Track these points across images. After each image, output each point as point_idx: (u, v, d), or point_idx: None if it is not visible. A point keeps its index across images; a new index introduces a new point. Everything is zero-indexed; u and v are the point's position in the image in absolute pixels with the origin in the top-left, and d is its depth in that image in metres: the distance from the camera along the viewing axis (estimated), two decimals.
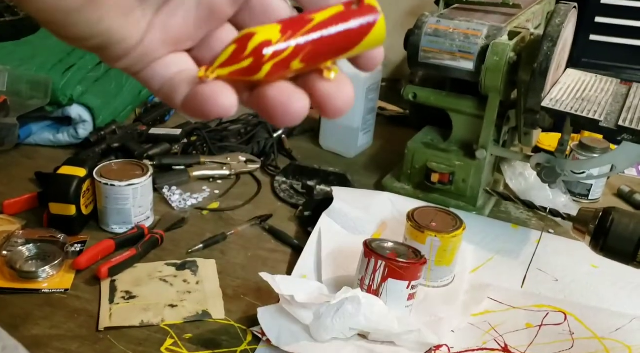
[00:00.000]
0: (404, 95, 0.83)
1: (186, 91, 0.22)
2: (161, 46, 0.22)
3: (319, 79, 0.22)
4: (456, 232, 0.67)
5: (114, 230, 0.73)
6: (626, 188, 0.89)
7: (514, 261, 0.74)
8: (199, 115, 0.21)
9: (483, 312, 0.65)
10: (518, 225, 0.80)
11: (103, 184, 0.71)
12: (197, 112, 0.21)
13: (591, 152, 0.84)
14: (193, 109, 0.21)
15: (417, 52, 0.78)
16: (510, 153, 0.82)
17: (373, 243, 0.63)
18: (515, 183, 0.86)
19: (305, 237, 0.74)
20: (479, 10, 0.84)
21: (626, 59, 1.31)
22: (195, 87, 0.21)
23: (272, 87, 0.21)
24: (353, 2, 0.21)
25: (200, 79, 0.21)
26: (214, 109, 0.20)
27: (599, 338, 0.62)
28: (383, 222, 0.78)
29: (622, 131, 0.64)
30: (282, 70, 0.21)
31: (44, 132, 0.94)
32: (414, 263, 0.61)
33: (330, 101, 0.22)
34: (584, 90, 0.74)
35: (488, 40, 0.74)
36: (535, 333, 0.62)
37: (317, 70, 0.22)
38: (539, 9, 0.91)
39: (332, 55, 0.22)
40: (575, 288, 0.69)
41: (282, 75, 0.21)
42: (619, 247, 0.44)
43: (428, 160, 0.82)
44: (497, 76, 0.73)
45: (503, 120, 0.79)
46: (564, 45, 0.75)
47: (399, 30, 1.22)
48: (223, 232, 0.75)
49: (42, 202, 0.75)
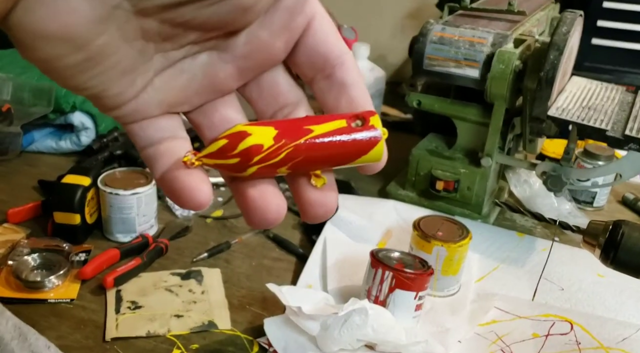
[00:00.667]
0: (408, 102, 0.83)
1: (166, 166, 0.21)
2: (156, 106, 0.21)
3: (306, 184, 0.21)
4: (462, 242, 0.66)
5: (118, 239, 0.73)
6: (631, 196, 0.89)
7: (519, 270, 0.73)
8: (171, 198, 0.21)
9: (490, 321, 0.65)
10: (523, 233, 0.80)
11: (107, 193, 0.71)
12: (170, 195, 0.21)
13: (596, 159, 0.84)
14: (168, 191, 0.21)
15: (422, 59, 0.78)
16: (515, 161, 0.82)
17: (380, 253, 0.63)
18: (520, 191, 0.86)
19: (309, 245, 0.74)
20: (484, 17, 0.84)
21: (628, 63, 1.31)
22: (176, 171, 0.21)
23: (254, 188, 0.21)
24: (358, 116, 0.20)
25: (184, 163, 0.20)
26: (187, 202, 0.20)
27: (605, 348, 0.61)
28: (388, 230, 0.78)
29: (629, 140, 0.64)
30: (268, 174, 0.20)
31: (46, 140, 0.93)
32: (421, 274, 0.61)
33: (312, 208, 0.22)
34: (589, 98, 0.74)
35: (494, 48, 0.74)
36: (541, 343, 0.62)
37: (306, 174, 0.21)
38: (543, 15, 0.91)
39: (323, 167, 0.21)
40: (582, 297, 0.69)
41: (267, 176, 0.21)
42: (630, 260, 0.44)
43: (433, 167, 0.82)
44: (503, 84, 0.73)
45: (508, 127, 0.79)
46: (570, 53, 0.75)
47: (400, 33, 1.22)
48: (227, 240, 0.75)
49: (46, 210, 0.75)
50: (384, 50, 1.33)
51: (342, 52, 0.22)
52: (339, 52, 0.22)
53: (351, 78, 0.22)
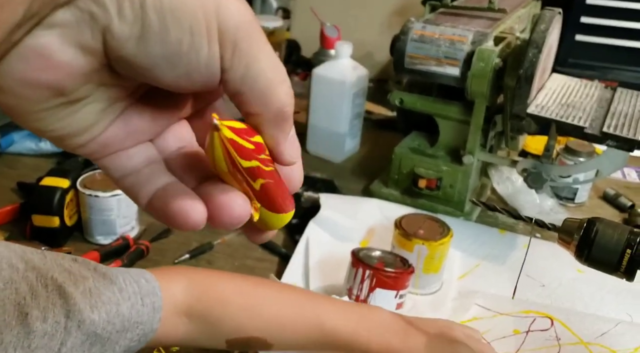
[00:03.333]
0: (391, 100, 0.83)
1: (152, 192, 0.21)
2: (123, 140, 0.22)
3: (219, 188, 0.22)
4: (443, 240, 0.67)
5: (98, 241, 0.72)
6: (611, 191, 0.90)
7: (501, 267, 0.74)
8: (165, 222, 0.21)
9: (471, 319, 0.65)
10: (505, 229, 0.81)
11: (87, 195, 0.70)
12: (163, 220, 0.21)
13: (577, 155, 0.85)
14: (159, 216, 0.21)
15: (402, 58, 0.78)
16: (497, 158, 0.82)
17: (360, 252, 0.63)
18: (503, 188, 0.86)
19: (292, 245, 0.74)
20: (465, 15, 0.84)
21: (612, 59, 1.32)
22: (165, 196, 0.21)
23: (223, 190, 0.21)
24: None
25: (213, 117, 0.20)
26: (183, 225, 0.20)
27: (585, 343, 0.62)
28: (371, 229, 0.78)
29: (607, 137, 0.65)
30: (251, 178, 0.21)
31: (26, 141, 0.92)
32: (401, 273, 0.61)
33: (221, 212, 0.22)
34: (569, 95, 0.74)
35: (474, 46, 0.74)
36: (522, 339, 0.63)
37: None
38: (524, 13, 0.91)
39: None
40: (562, 293, 0.69)
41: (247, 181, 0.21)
42: (603, 258, 0.44)
43: (415, 165, 0.82)
44: (483, 82, 0.73)
45: (489, 125, 0.79)
46: (549, 51, 0.75)
47: (386, 31, 1.22)
48: (209, 241, 0.74)
49: (25, 213, 0.74)
50: (370, 48, 1.33)
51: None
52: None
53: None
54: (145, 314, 0.44)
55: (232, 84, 0.19)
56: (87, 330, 0.39)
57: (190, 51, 0.18)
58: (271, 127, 0.21)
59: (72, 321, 0.38)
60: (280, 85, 0.20)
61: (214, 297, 0.49)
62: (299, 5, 1.37)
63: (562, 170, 0.76)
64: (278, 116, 0.20)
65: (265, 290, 0.52)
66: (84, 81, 0.19)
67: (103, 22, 0.18)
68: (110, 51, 0.18)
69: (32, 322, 0.35)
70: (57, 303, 0.37)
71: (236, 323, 0.49)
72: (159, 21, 0.18)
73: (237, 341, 0.50)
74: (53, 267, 0.39)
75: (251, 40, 0.19)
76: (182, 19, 0.18)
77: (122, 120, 0.21)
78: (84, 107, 0.20)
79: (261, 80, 0.19)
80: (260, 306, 0.50)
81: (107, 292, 0.41)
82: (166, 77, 0.19)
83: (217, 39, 0.18)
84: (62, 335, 0.37)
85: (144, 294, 0.44)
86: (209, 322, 0.49)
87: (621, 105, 0.72)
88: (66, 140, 0.20)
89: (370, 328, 0.51)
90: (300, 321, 0.51)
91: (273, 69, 0.20)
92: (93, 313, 0.39)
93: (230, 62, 0.19)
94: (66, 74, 0.18)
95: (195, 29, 0.18)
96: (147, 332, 0.45)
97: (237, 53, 0.19)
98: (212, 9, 0.18)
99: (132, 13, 0.17)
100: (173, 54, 0.18)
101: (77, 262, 0.42)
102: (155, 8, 0.18)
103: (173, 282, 0.48)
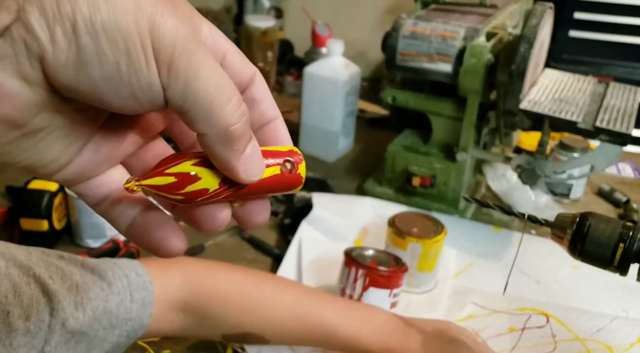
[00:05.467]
0: (383, 97, 0.82)
1: (131, 218, 0.22)
2: (96, 165, 0.22)
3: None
4: (437, 237, 0.66)
5: (88, 244, 0.71)
6: (606, 187, 0.90)
7: (496, 264, 0.73)
8: (146, 249, 0.22)
9: (466, 317, 0.64)
10: (500, 227, 0.80)
11: (76, 198, 0.69)
12: (145, 248, 0.22)
13: (571, 151, 0.84)
14: (141, 244, 0.22)
15: (394, 54, 0.78)
16: (490, 155, 0.81)
17: (353, 251, 0.62)
18: (497, 185, 0.86)
19: (285, 245, 0.73)
20: (456, 11, 0.84)
21: (606, 55, 1.31)
22: (145, 225, 0.22)
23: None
24: (288, 159, 0.23)
25: (125, 189, 0.21)
26: (163, 254, 0.22)
27: (581, 339, 0.61)
28: (365, 228, 0.77)
29: (599, 132, 0.64)
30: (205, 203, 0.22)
31: None
32: (394, 271, 0.60)
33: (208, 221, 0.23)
34: (561, 90, 0.74)
35: (465, 42, 0.74)
36: (518, 337, 0.62)
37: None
38: (516, 9, 0.90)
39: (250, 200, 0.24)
40: (557, 290, 0.69)
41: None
42: (596, 252, 0.43)
43: (408, 163, 0.81)
44: (475, 78, 0.72)
45: (483, 121, 0.78)
46: (541, 46, 0.74)
47: (378, 29, 1.21)
48: (201, 242, 0.73)
49: (13, 217, 0.73)
50: (364, 46, 1.33)
51: (251, 74, 0.23)
52: (249, 75, 0.23)
53: (261, 94, 0.23)
54: (134, 310, 0.43)
55: (174, 103, 0.19)
56: (72, 328, 0.38)
57: (130, 72, 0.18)
58: (218, 147, 0.20)
59: (56, 319, 0.37)
60: (225, 104, 0.19)
61: (212, 295, 0.49)
62: (291, 4, 1.36)
63: (555, 166, 0.75)
64: (224, 136, 0.20)
65: (266, 288, 0.52)
66: (37, 111, 0.19)
67: (37, 51, 0.17)
68: (51, 79, 0.18)
69: (14, 320, 0.35)
70: (41, 301, 0.37)
71: (234, 321, 0.49)
72: (93, 43, 0.17)
73: (234, 336, 0.49)
74: (38, 263, 0.38)
75: (189, 58, 0.18)
76: (116, 40, 0.17)
77: (92, 145, 0.21)
78: (46, 136, 0.20)
79: (202, 100, 0.19)
80: (260, 306, 0.50)
81: (95, 288, 0.41)
82: (113, 100, 0.19)
83: (153, 58, 0.18)
84: (46, 334, 0.37)
85: (133, 289, 0.44)
86: (206, 318, 0.49)
87: (614, 100, 0.71)
88: (37, 169, 0.20)
89: (371, 328, 0.51)
90: (300, 321, 0.50)
91: (216, 87, 0.19)
92: (78, 310, 0.38)
93: (167, 80, 0.18)
94: (15, 106, 0.18)
95: (131, 49, 0.18)
96: (137, 328, 0.44)
97: (173, 72, 0.18)
98: (145, 27, 0.18)
99: (65, 39, 0.17)
100: (113, 76, 0.18)
101: (63, 258, 0.41)
102: (88, 30, 0.17)
103: (169, 276, 0.48)
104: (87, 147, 0.21)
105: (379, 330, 0.51)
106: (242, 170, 0.21)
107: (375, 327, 0.51)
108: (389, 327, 0.52)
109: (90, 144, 0.21)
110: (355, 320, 0.51)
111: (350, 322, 0.51)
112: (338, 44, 0.92)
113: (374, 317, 0.52)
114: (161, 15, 0.18)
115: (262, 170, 0.22)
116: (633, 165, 1.00)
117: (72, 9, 0.17)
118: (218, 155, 0.20)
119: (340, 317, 0.51)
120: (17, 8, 0.17)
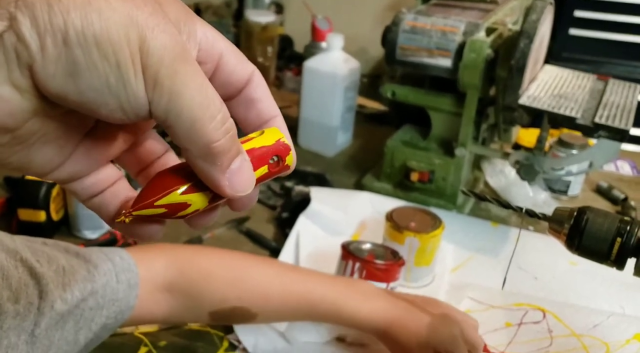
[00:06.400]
0: (383, 92, 0.82)
1: (115, 211, 0.23)
2: (88, 165, 0.22)
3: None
4: (435, 232, 0.66)
5: (86, 235, 0.71)
6: (604, 184, 0.90)
7: (493, 259, 0.73)
8: (130, 237, 0.23)
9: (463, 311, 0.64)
10: (498, 222, 0.80)
11: None
12: (129, 236, 0.24)
13: (570, 148, 0.84)
14: (126, 232, 0.23)
15: (394, 49, 0.77)
16: (489, 151, 0.81)
17: (350, 245, 0.62)
18: (495, 181, 0.86)
19: (283, 239, 0.73)
20: (457, 6, 0.83)
21: (606, 53, 1.32)
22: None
23: None
24: (276, 153, 0.23)
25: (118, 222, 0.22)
26: (145, 240, 0.24)
27: (577, 335, 0.62)
28: (363, 223, 0.77)
29: (598, 128, 0.64)
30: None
31: None
32: (391, 265, 0.60)
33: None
34: (561, 86, 0.74)
35: (465, 37, 0.74)
36: (514, 332, 0.62)
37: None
38: (517, 5, 0.90)
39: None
40: (555, 285, 0.69)
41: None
42: (594, 246, 0.43)
43: (407, 158, 0.81)
44: (475, 73, 0.72)
45: (482, 117, 0.78)
46: (541, 42, 0.74)
47: (379, 26, 1.21)
48: (199, 235, 0.73)
49: (11, 207, 0.73)
50: (365, 43, 1.32)
51: (249, 73, 0.23)
52: (246, 74, 0.23)
53: (258, 93, 0.23)
54: (120, 291, 0.44)
55: (158, 117, 0.19)
56: (61, 310, 0.38)
57: (118, 85, 0.18)
58: (201, 163, 0.20)
59: (45, 302, 0.37)
60: (208, 122, 0.19)
61: (197, 271, 0.49)
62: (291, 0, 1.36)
63: (553, 163, 0.75)
64: (206, 152, 0.20)
65: (251, 262, 0.52)
66: (28, 117, 0.19)
67: (27, 60, 0.17)
68: (41, 88, 0.18)
69: (3, 303, 0.35)
70: (30, 284, 0.37)
71: (220, 295, 0.49)
72: (84, 55, 0.17)
73: (221, 312, 0.49)
74: (23, 248, 0.38)
75: (175, 76, 0.19)
76: (107, 53, 0.18)
77: (83, 147, 0.22)
78: (37, 140, 0.20)
79: (184, 117, 0.19)
80: (245, 278, 0.50)
81: (81, 270, 0.41)
82: (101, 110, 0.19)
83: (141, 72, 0.18)
84: (35, 316, 0.37)
85: (118, 271, 0.44)
86: (192, 295, 0.49)
87: (613, 96, 0.71)
88: (29, 171, 0.21)
89: (357, 296, 0.51)
90: (286, 291, 0.51)
91: (199, 105, 0.19)
92: (66, 292, 0.39)
93: (152, 96, 0.19)
94: (6, 112, 0.18)
95: (121, 62, 0.18)
96: (124, 309, 0.44)
97: (157, 88, 0.19)
98: (136, 42, 0.18)
99: (55, 50, 0.17)
100: (102, 87, 0.18)
101: (47, 245, 0.42)
102: (80, 42, 0.17)
103: (153, 258, 0.48)
104: (78, 149, 0.22)
105: (366, 296, 0.52)
106: (227, 185, 0.21)
107: (362, 293, 0.52)
108: (375, 293, 0.53)
109: (82, 146, 0.22)
110: (342, 288, 0.52)
111: (337, 289, 0.51)
112: (338, 38, 0.92)
113: (361, 286, 0.53)
114: (152, 30, 0.18)
115: (251, 184, 0.22)
116: (631, 163, 1.00)
117: (64, 21, 0.17)
118: (202, 170, 0.20)
119: (326, 286, 0.51)
120: (9, 16, 0.17)
